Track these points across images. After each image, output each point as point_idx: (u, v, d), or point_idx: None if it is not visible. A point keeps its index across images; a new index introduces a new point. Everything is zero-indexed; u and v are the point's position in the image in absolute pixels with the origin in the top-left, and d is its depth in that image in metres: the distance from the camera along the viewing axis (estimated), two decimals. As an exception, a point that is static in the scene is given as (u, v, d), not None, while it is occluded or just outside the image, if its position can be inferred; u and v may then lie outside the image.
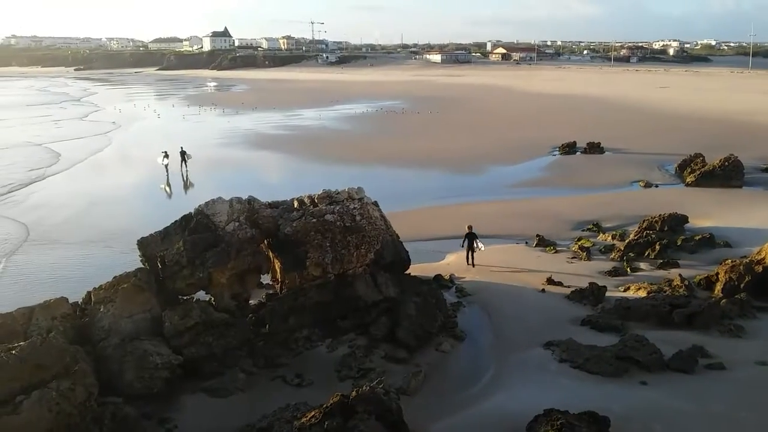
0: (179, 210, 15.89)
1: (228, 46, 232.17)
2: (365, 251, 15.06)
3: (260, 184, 30.65)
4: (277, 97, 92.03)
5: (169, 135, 41.94)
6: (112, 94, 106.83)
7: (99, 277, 14.62)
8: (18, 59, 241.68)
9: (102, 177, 36.51)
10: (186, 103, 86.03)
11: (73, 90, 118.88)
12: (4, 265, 20.74)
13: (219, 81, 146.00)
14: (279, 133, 54.10)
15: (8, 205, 29.05)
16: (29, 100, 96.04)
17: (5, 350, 10.20)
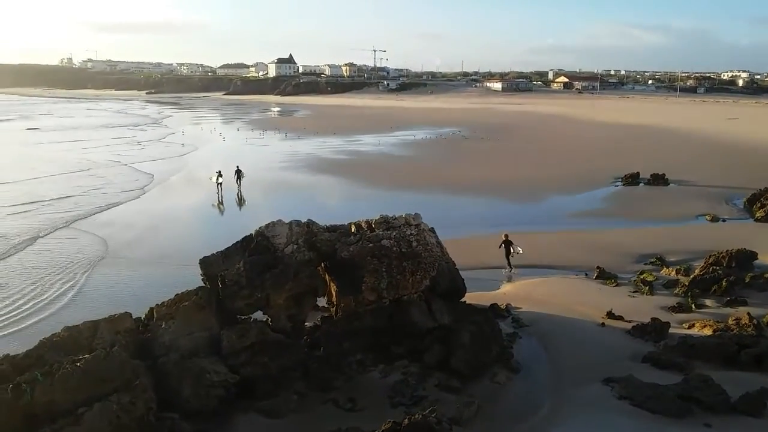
0: (241, 229, 16.23)
1: (292, 72, 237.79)
2: (421, 277, 15.01)
3: (318, 208, 31.01)
4: (337, 123, 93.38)
5: (232, 157, 43.11)
6: (183, 118, 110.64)
7: (162, 293, 15.01)
8: (93, 82, 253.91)
9: (176, 197, 37.74)
10: (250, 127, 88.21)
11: (150, 112, 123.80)
12: (85, 279, 21.48)
13: (282, 106, 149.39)
14: (338, 157, 54.76)
15: (97, 223, 30.06)
16: (111, 121, 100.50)
17: (71, 362, 10.57)
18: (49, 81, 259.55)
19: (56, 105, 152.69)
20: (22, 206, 33.05)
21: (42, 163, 50.09)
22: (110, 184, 40.56)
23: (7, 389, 10.25)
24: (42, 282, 21.14)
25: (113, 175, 44.25)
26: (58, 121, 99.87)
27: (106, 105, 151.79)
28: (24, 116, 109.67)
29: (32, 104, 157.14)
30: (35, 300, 19.45)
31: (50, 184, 40.15)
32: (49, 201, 34.31)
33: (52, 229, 28.17)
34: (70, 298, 19.71)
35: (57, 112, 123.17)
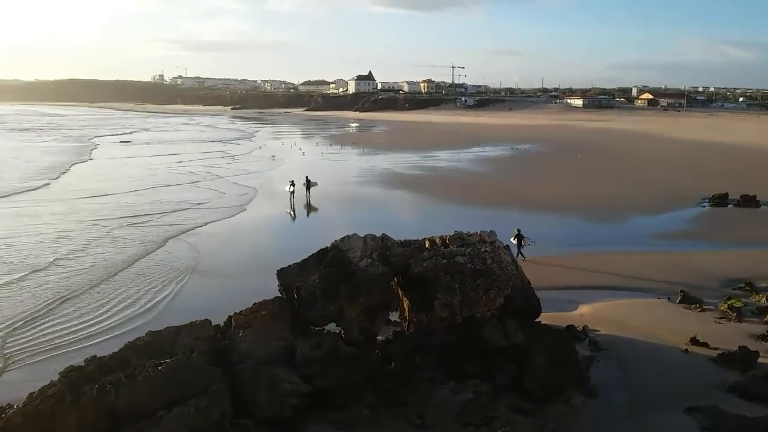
0: (318, 240, 16.51)
1: (371, 88, 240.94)
2: (494, 295, 14.82)
3: (392, 223, 31.11)
4: (414, 139, 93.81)
5: (311, 171, 43.98)
6: (266, 133, 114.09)
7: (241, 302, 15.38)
8: (183, 98, 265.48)
9: (266, 209, 38.88)
10: (329, 142, 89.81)
11: (237, 127, 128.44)
12: (179, 287, 22.52)
13: (360, 122, 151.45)
14: (414, 173, 54.94)
15: (196, 234, 31.05)
16: (201, 135, 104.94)
17: (153, 366, 11.00)
18: (142, 96, 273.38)
19: (147, 119, 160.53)
20: (129, 218, 34.10)
21: (140, 176, 52.47)
22: (213, 197, 41.58)
23: (93, 389, 10.77)
24: (140, 291, 22.12)
25: (211, 188, 45.78)
26: (150, 135, 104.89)
27: (196, 119, 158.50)
28: (117, 130, 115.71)
29: (125, 118, 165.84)
30: (131, 308, 20.35)
31: (151, 196, 41.67)
32: (153, 214, 35.39)
33: (162, 241, 29.09)
34: (162, 306, 20.63)
35: (148, 126, 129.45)
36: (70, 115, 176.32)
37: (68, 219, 33.98)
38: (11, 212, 36.05)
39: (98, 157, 69.24)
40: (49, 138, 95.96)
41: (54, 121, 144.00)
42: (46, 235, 30.22)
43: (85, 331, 18.32)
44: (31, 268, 24.33)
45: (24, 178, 49.97)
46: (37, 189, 44.90)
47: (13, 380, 15.12)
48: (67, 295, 21.29)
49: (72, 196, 41.78)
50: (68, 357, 15.56)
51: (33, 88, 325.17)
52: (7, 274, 23.64)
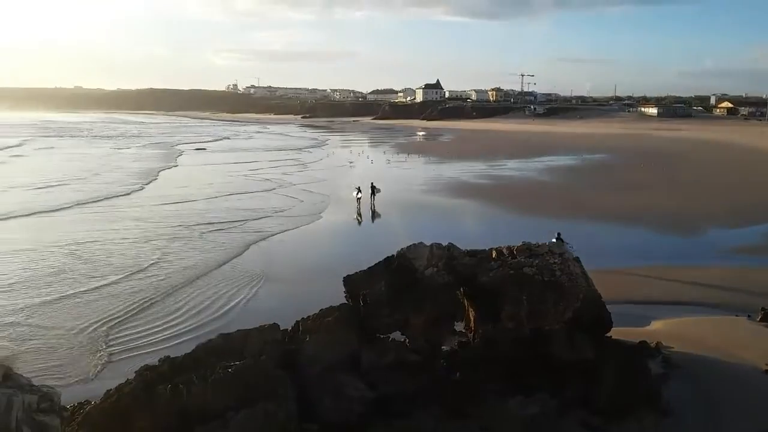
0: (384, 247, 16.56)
1: (438, 97, 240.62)
2: (563, 308, 14.46)
3: (457, 232, 30.91)
4: (482, 147, 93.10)
5: (377, 179, 44.38)
6: (335, 140, 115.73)
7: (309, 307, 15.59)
8: (255, 107, 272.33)
9: (339, 215, 39.64)
10: (395, 151, 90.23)
11: (307, 135, 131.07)
12: (253, 292, 23.21)
13: (428, 130, 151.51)
14: (480, 182, 54.48)
15: (275, 241, 31.88)
16: (273, 143, 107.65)
17: (223, 368, 11.27)
18: (216, 105, 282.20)
19: (221, 127, 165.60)
20: (214, 224, 35.01)
21: (220, 183, 54.13)
22: (289, 205, 42.38)
23: (166, 388, 11.12)
24: (217, 294, 22.91)
25: (287, 195, 46.83)
26: (227, 143, 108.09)
27: (268, 128, 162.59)
28: (194, 138, 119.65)
29: (200, 126, 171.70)
30: (206, 311, 21.14)
31: (233, 203, 42.85)
32: (235, 221, 36.16)
33: (242, 248, 29.89)
34: (235, 310, 21.29)
35: (224, 134, 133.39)
36: (150, 123, 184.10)
37: (158, 223, 35.40)
38: (105, 216, 37.82)
39: (183, 163, 71.89)
40: (134, 145, 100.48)
41: (135, 129, 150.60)
42: (138, 239, 31.52)
43: (162, 333, 19.10)
44: (127, 270, 25.51)
45: (117, 183, 52.51)
46: (129, 194, 47.01)
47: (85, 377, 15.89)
48: (155, 298, 22.23)
49: (161, 201, 43.49)
50: (145, 357, 16.17)
51: (115, 97, 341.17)
52: (104, 276, 24.80)
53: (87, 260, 27.24)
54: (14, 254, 28.05)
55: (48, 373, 15.78)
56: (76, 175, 57.18)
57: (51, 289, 23.15)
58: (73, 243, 30.17)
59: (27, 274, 25.01)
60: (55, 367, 16.68)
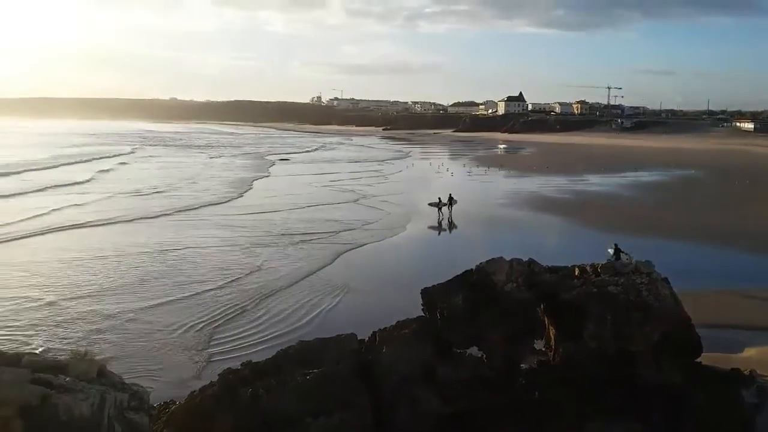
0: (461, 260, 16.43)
1: (521, 109, 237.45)
2: (650, 330, 13.84)
3: (537, 247, 30.20)
4: (564, 161, 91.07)
5: (456, 191, 44.26)
6: (416, 152, 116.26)
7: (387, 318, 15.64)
8: (338, 118, 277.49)
9: (413, 226, 39.90)
10: (476, 163, 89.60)
11: (389, 147, 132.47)
12: (335, 302, 23.85)
13: (509, 143, 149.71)
14: (562, 197, 53.26)
15: (357, 253, 32.50)
16: (358, 155, 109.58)
17: (302, 375, 11.45)
18: (300, 117, 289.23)
19: (305, 138, 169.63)
20: (304, 235, 35.89)
21: (308, 193, 55.51)
22: (375, 217, 42.92)
23: (247, 392, 11.39)
24: (299, 303, 23.61)
25: (371, 207, 47.53)
26: (310, 155, 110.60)
27: (350, 139, 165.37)
28: (280, 149, 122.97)
29: (285, 137, 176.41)
30: (289, 319, 21.82)
31: (322, 214, 43.85)
32: (323, 232, 36.90)
33: (330, 258, 30.59)
34: (316, 318, 21.78)
35: (308, 145, 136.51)
36: (238, 134, 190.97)
37: (254, 231, 36.65)
38: (203, 223, 39.53)
39: (275, 173, 74.21)
40: (226, 154, 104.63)
41: (224, 139, 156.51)
42: (235, 246, 32.73)
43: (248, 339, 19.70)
44: (224, 278, 26.60)
45: (214, 192, 54.83)
46: (226, 202, 48.93)
47: (179, 378, 16.51)
48: (247, 305, 23.09)
49: (256, 210, 45.10)
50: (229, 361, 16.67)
51: (206, 108, 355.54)
52: (201, 282, 25.99)
53: (185, 266, 28.52)
54: (118, 258, 29.65)
55: (144, 374, 16.51)
56: (174, 184, 60.12)
57: (151, 293, 24.32)
58: (173, 249, 31.62)
59: (128, 279, 26.35)
60: (152, 367, 17.46)
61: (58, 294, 23.81)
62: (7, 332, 19.73)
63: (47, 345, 18.56)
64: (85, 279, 25.95)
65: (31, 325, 20.47)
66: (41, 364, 9.80)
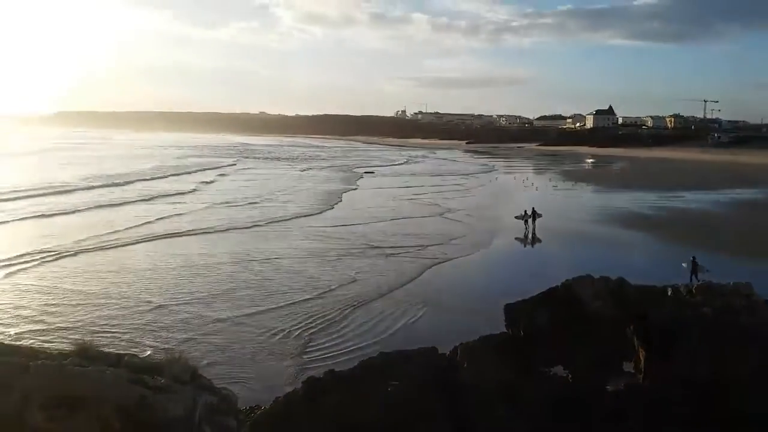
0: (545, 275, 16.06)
1: (610, 123, 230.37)
2: (748, 354, 13.04)
3: (626, 265, 29.13)
4: (657, 177, 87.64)
5: (540, 206, 43.38)
6: (500, 166, 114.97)
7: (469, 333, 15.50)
8: (421, 132, 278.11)
9: (496, 240, 39.82)
10: (561, 178, 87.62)
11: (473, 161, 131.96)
12: (419, 315, 23.89)
13: (598, 158, 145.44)
14: (653, 213, 51.20)
15: (450, 266, 32.76)
16: (441, 168, 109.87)
17: (383, 386, 11.48)
18: (384, 130, 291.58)
19: (389, 152, 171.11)
20: (392, 249, 36.40)
21: (392, 206, 56.15)
22: (460, 232, 42.98)
23: (328, 400, 11.52)
24: (384, 315, 23.93)
25: (455, 220, 47.53)
26: (394, 168, 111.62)
27: (434, 153, 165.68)
28: (364, 162, 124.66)
29: (369, 150, 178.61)
30: (373, 330, 22.12)
31: (410, 227, 44.45)
32: (410, 246, 37.29)
33: (416, 273, 30.90)
34: (399, 330, 21.93)
35: (392, 159, 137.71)
36: (325, 147, 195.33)
37: (344, 243, 37.46)
38: (296, 234, 40.75)
39: (362, 186, 75.53)
40: (315, 167, 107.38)
41: (312, 152, 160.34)
42: (327, 258, 33.60)
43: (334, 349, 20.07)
44: (312, 290, 27.35)
45: (305, 203, 56.45)
46: (317, 214, 50.30)
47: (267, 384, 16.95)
48: (334, 316, 23.63)
49: (346, 222, 46.27)
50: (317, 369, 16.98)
51: (293, 122, 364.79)
52: (294, 292, 26.81)
53: (277, 276, 29.43)
54: (213, 267, 30.91)
55: (234, 379, 17.02)
56: (267, 195, 62.25)
57: (244, 302, 25.21)
58: (265, 259, 32.66)
59: (224, 287, 27.37)
60: (241, 373, 18.04)
61: (162, 298, 25.10)
62: (114, 332, 20.97)
63: (142, 347, 19.54)
64: (181, 286, 27.20)
65: (134, 328, 21.64)
66: (139, 365, 10.29)
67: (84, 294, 25.50)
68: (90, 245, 34.86)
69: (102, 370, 9.27)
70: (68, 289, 26.05)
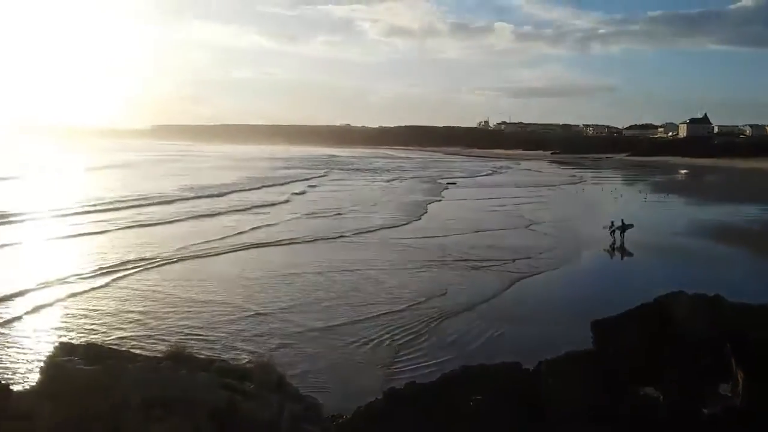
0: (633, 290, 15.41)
1: (705, 132, 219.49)
2: None
3: (721, 282, 27.38)
4: (755, 189, 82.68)
5: (629, 217, 41.76)
6: (586, 177, 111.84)
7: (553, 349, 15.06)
8: (505, 143, 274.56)
9: (584, 251, 39.07)
10: (652, 189, 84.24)
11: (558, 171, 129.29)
12: (503, 329, 23.61)
13: (691, 168, 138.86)
14: (752, 227, 48.24)
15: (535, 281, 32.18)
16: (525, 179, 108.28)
17: (464, 401, 11.32)
18: (467, 141, 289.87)
19: (471, 163, 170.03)
20: (479, 262, 36.03)
21: (477, 218, 55.78)
22: (548, 244, 42.18)
23: (408, 412, 11.46)
24: (469, 328, 23.70)
25: (544, 233, 46.64)
26: (477, 179, 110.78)
27: (518, 164, 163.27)
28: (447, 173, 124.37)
29: (452, 161, 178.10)
30: (456, 344, 21.91)
31: (491, 239, 43.98)
32: (497, 260, 36.82)
33: (505, 285, 30.64)
34: (482, 344, 21.64)
35: (476, 170, 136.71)
36: (408, 158, 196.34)
37: (429, 256, 37.26)
38: (384, 245, 41.01)
39: (447, 197, 75.53)
40: (399, 178, 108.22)
41: (395, 164, 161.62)
42: (416, 269, 33.71)
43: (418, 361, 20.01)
44: (400, 302, 27.42)
45: (392, 214, 57.05)
46: (404, 225, 50.82)
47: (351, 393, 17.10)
48: (421, 328, 23.60)
49: (434, 233, 46.29)
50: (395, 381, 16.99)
51: (377, 134, 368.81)
52: (382, 304, 26.97)
53: (366, 287, 29.69)
54: (303, 277, 31.60)
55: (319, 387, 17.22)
56: (354, 206, 63.22)
57: (333, 312, 25.50)
58: (353, 270, 33.03)
59: (314, 297, 27.83)
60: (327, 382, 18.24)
61: (254, 306, 25.85)
62: (207, 338, 21.79)
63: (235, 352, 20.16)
64: (272, 295, 27.90)
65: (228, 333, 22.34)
66: (228, 370, 10.60)
67: (180, 300, 26.65)
68: (188, 253, 36.44)
69: (194, 375, 9.61)
70: (166, 295, 27.32)
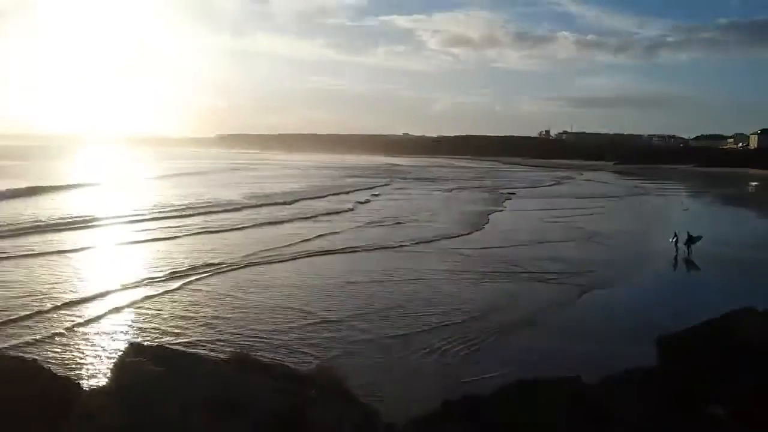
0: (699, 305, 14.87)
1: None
2: None
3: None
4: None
5: (699, 231, 40.22)
6: (650, 188, 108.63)
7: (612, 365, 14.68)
8: (566, 153, 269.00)
9: (647, 263, 37.93)
10: (722, 201, 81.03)
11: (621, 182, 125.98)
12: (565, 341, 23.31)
13: (763, 180, 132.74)
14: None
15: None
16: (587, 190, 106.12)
17: (517, 415, 11.13)
18: (527, 151, 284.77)
19: (531, 173, 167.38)
20: (542, 274, 35.63)
21: (536, 228, 54.90)
22: (610, 257, 41.22)
23: (462, 424, 11.36)
24: (528, 343, 23.50)
25: (603, 244, 45.71)
26: (536, 190, 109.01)
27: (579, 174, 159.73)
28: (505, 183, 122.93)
29: (510, 171, 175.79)
30: (517, 357, 21.68)
31: (554, 251, 43.22)
32: (562, 273, 36.15)
33: (572, 298, 30.28)
34: (539, 358, 21.29)
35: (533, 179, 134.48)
36: (468, 167, 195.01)
37: (491, 268, 36.81)
38: (446, 255, 40.83)
39: (509, 207, 74.66)
40: (459, 187, 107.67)
41: (453, 173, 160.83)
42: (478, 280, 33.48)
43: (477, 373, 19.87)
44: (462, 314, 27.17)
45: (452, 225, 56.82)
46: (466, 235, 50.43)
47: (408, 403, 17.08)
48: (480, 341, 23.38)
49: (492, 245, 45.74)
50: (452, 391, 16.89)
51: (436, 143, 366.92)
52: (443, 314, 26.83)
53: (428, 297, 29.56)
54: (366, 285, 31.67)
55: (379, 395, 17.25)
56: (417, 216, 63.16)
57: (398, 322, 25.41)
58: (415, 279, 33.00)
59: (377, 305, 27.85)
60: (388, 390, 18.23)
61: (318, 313, 26.16)
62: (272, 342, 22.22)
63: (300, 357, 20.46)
64: (336, 302, 28.10)
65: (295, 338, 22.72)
66: (292, 375, 10.78)
67: (247, 304, 27.21)
68: (255, 259, 37.16)
69: (257, 378, 9.81)
70: (234, 300, 27.91)
